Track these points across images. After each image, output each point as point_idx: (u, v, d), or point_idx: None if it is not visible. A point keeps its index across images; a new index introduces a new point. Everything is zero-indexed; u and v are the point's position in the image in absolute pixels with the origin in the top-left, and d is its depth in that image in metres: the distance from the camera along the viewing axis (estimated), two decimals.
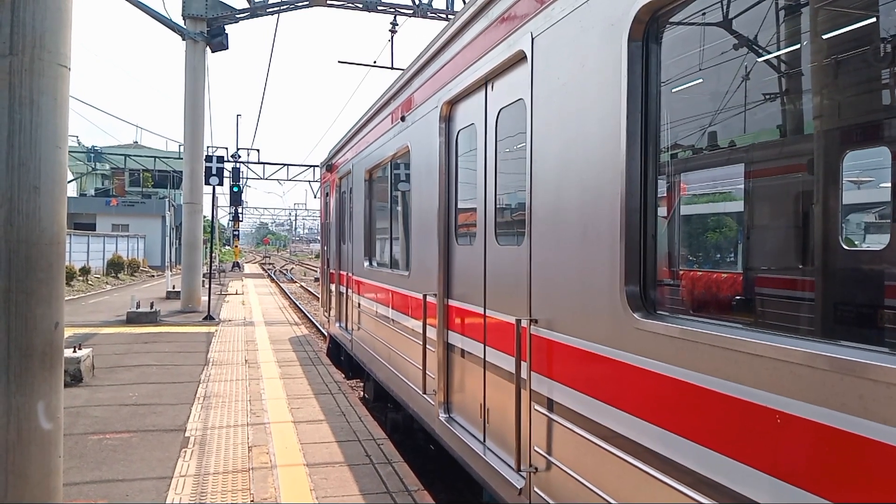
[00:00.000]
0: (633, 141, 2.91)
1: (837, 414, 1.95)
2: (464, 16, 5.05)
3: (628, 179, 2.91)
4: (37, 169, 3.51)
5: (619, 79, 2.96)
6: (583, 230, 3.32)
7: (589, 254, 3.25)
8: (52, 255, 3.61)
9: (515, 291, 4.16)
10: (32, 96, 3.49)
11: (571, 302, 3.47)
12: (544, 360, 3.75)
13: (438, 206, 5.66)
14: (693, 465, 2.49)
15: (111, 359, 11.03)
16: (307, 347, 12.89)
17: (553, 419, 3.65)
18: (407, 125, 6.74)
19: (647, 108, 2.90)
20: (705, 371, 2.44)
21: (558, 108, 3.60)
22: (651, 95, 2.90)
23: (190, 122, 19.16)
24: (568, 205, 3.49)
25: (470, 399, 5.18)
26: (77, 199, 47.78)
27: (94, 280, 32.32)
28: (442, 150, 5.63)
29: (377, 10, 20.56)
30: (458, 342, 5.40)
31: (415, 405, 6.48)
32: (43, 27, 3.51)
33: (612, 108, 3.02)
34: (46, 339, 3.59)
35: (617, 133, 2.98)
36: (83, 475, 5.67)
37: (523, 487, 3.96)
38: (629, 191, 2.92)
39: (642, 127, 2.90)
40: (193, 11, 18.87)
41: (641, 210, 2.91)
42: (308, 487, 5.45)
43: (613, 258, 3.01)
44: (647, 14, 2.81)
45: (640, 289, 2.92)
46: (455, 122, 5.50)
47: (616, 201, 2.98)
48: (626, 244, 2.93)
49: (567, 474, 3.48)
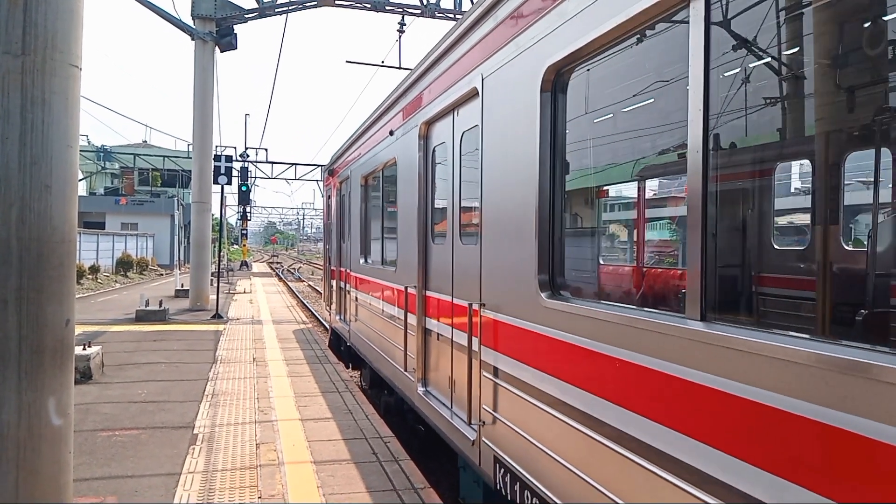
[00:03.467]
0: (544, 166, 3.81)
1: (654, 359, 2.77)
2: (436, 52, 5.95)
3: (541, 195, 3.81)
4: (48, 168, 3.55)
5: (535, 119, 3.85)
6: (514, 232, 4.18)
7: (518, 251, 4.13)
8: (63, 253, 3.65)
9: (472, 282, 4.99)
10: (44, 96, 3.52)
11: (506, 288, 4.36)
12: (490, 335, 4.61)
13: (418, 211, 6.53)
14: (581, 407, 3.36)
15: (120, 356, 11.11)
16: (314, 346, 12.93)
17: (497, 382, 4.51)
18: (395, 139, 7.63)
19: (554, 141, 3.80)
20: (589, 337, 3.28)
21: (500, 136, 4.48)
22: (557, 132, 3.79)
23: (199, 122, 19.23)
24: (505, 212, 4.36)
25: (441, 374, 6.06)
26: (87, 198, 48.00)
27: (103, 278, 32.50)
28: (421, 163, 6.53)
29: (385, 10, 20.57)
30: (434, 326, 6.26)
31: (399, 383, 7.45)
32: (55, 28, 3.54)
33: (531, 140, 3.90)
34: (57, 337, 3.63)
35: (534, 159, 3.85)
36: (93, 471, 5.73)
37: (475, 439, 4.85)
38: (541, 203, 3.82)
39: (551, 155, 3.81)
40: (202, 11, 18.95)
41: (550, 218, 3.82)
42: (315, 485, 5.48)
43: (532, 254, 3.89)
44: (552, 72, 3.69)
45: (549, 277, 3.82)
46: (431, 140, 6.41)
47: (533, 211, 3.87)
48: (538, 243, 3.83)
49: (506, 425, 4.34)
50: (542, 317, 3.77)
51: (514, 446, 4.20)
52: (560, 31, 3.54)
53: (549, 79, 3.74)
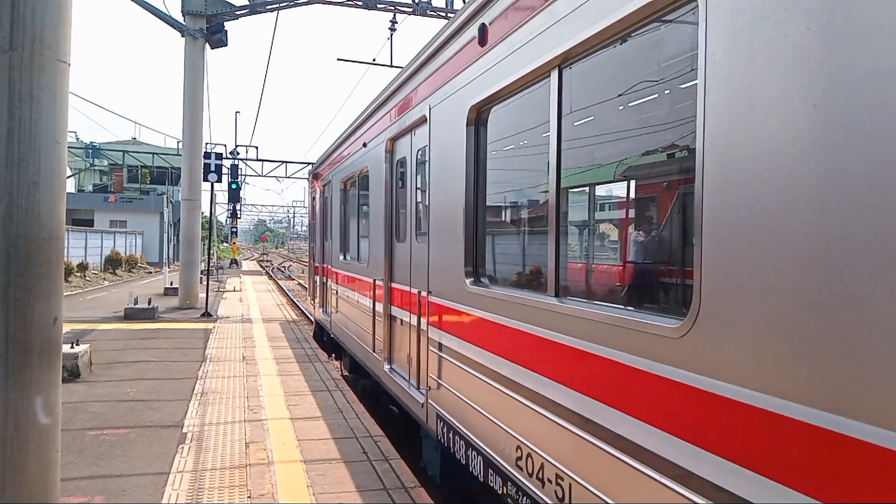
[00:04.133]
0: (469, 181, 4.97)
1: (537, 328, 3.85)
2: (399, 79, 7.16)
3: (467, 206, 4.98)
4: (36, 164, 3.52)
5: (462, 144, 5.02)
6: (450, 233, 5.29)
7: (452, 248, 5.24)
8: (50, 250, 3.62)
9: (423, 273, 6.04)
10: (32, 92, 3.49)
11: (445, 277, 5.45)
12: (435, 316, 5.72)
13: (384, 214, 7.65)
14: (498, 370, 4.37)
15: (109, 355, 11.03)
16: (304, 344, 12.90)
17: (440, 355, 5.55)
18: (367, 150, 8.78)
19: (477, 162, 4.94)
20: (500, 313, 4.33)
21: (441, 156, 5.61)
22: (480, 157, 4.92)
23: (189, 119, 19.11)
24: (444, 216, 5.46)
25: (402, 353, 7.12)
26: (75, 195, 47.66)
27: (91, 276, 32.27)
28: (387, 173, 7.69)
29: (377, 7, 20.51)
30: (397, 313, 7.32)
31: (371, 364, 8.63)
32: (43, 23, 3.51)
33: (461, 161, 5.04)
34: (45, 335, 3.60)
35: (462, 176, 5.02)
36: (80, 470, 5.69)
37: (423, 401, 6.04)
38: (467, 211, 4.98)
39: (475, 173, 4.95)
40: (193, 8, 18.82)
41: (475, 221, 4.96)
42: (305, 484, 5.47)
43: (461, 250, 5.03)
44: (474, 111, 4.88)
45: (473, 267, 4.97)
46: (395, 154, 7.55)
47: (461, 217, 5.02)
48: (465, 242, 4.98)
49: (446, 388, 5.41)
50: (466, 299, 4.94)
51: (451, 405, 5.32)
52: (478, 80, 4.76)
53: (472, 116, 4.91)
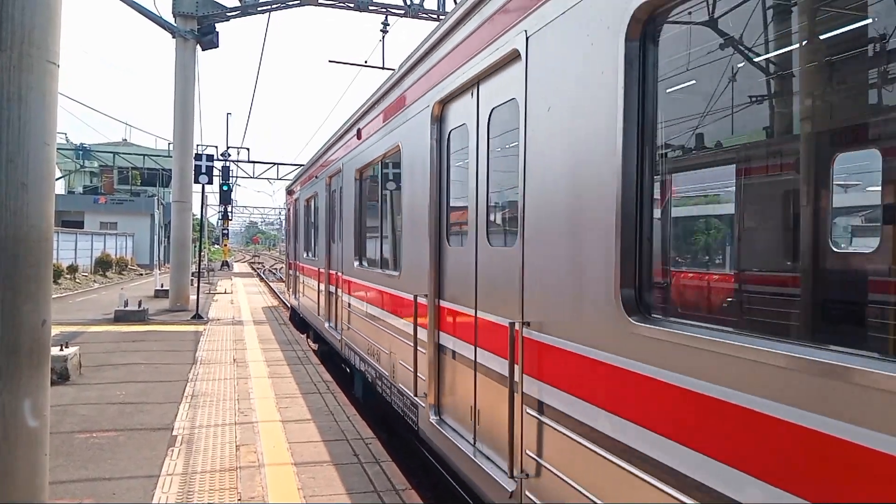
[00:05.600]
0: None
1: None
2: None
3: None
4: (25, 165, 3.49)
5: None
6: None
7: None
8: (39, 252, 3.59)
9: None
10: (21, 93, 3.47)
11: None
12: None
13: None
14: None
15: (98, 357, 10.97)
16: (296, 346, 12.86)
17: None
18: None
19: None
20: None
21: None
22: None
23: (180, 121, 19.04)
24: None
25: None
26: (65, 197, 47.34)
27: (81, 278, 32.06)
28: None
29: (368, 9, 20.51)
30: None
31: (316, 322, 11.16)
32: (32, 23, 3.49)
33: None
34: (33, 337, 3.57)
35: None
36: (70, 474, 5.65)
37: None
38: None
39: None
40: (184, 9, 18.76)
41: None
42: (296, 486, 5.45)
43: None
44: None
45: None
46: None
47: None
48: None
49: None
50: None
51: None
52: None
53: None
